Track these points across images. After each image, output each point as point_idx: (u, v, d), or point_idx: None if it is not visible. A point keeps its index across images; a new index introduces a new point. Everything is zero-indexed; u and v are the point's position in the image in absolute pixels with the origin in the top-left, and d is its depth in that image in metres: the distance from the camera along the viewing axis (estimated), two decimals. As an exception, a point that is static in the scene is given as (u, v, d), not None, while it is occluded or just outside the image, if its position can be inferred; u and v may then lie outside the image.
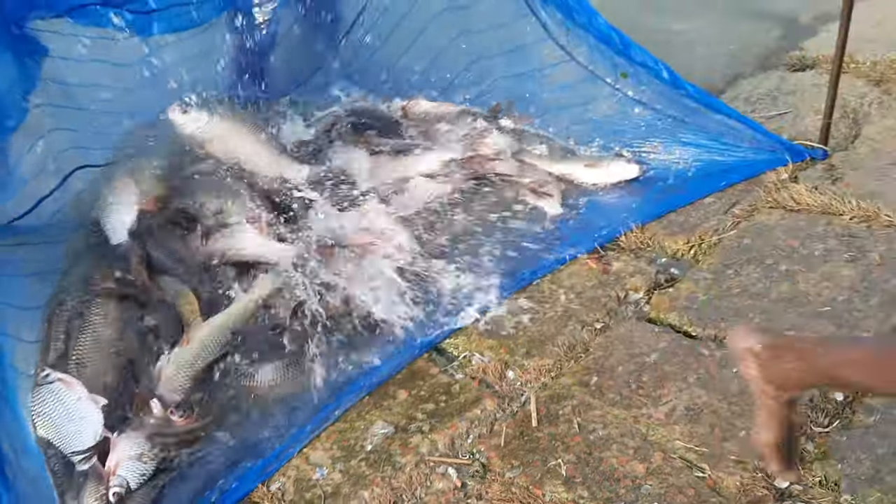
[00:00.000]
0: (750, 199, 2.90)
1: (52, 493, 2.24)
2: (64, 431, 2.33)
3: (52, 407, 2.38)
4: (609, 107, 3.29)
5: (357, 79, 3.55)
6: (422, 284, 2.77)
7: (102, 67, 2.81)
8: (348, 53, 3.52)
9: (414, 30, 3.40)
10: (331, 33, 3.51)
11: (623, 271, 2.71)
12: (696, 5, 4.61)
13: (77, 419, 2.36)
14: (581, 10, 3.08)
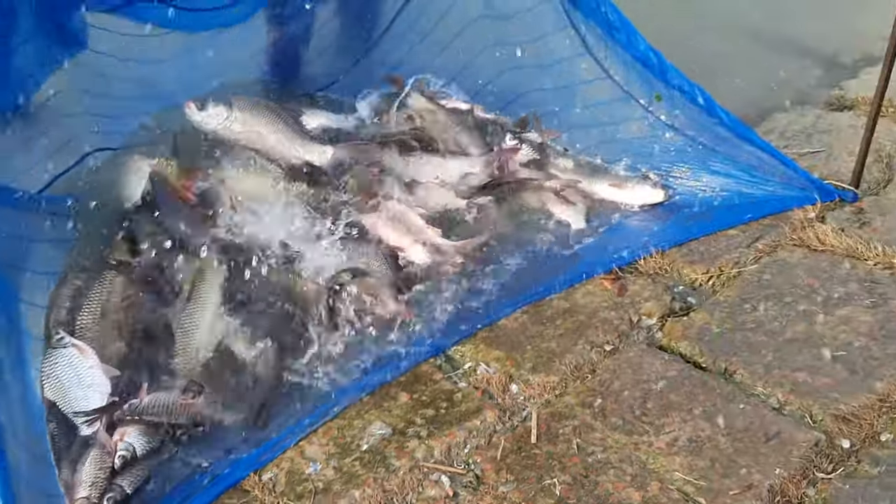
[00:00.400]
0: (774, 235, 2.87)
1: (52, 459, 2.25)
2: (71, 396, 2.35)
3: (63, 371, 2.40)
4: (639, 128, 3.27)
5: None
6: (433, 288, 2.77)
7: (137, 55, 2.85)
8: (381, 53, 3.52)
9: (449, 33, 3.39)
10: (367, 31, 3.52)
11: (638, 295, 2.69)
12: (740, 34, 4.57)
13: (86, 385, 2.37)
14: (621, 27, 3.07)
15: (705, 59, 4.02)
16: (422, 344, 2.57)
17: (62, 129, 2.84)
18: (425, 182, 3.14)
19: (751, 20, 4.71)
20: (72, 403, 2.35)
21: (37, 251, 2.57)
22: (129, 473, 2.21)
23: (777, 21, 4.68)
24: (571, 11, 3.18)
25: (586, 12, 3.14)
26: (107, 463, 2.21)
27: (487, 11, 3.33)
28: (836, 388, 2.24)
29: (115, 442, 2.24)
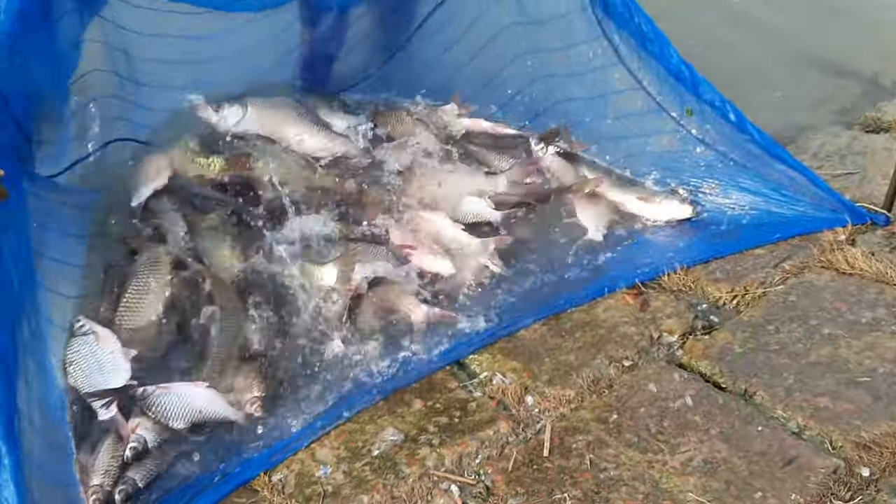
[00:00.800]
0: (802, 256, 2.82)
1: (66, 445, 2.28)
2: (92, 381, 2.40)
3: (84, 357, 2.45)
4: (670, 142, 3.23)
5: (416, 82, 3.54)
6: (452, 297, 2.77)
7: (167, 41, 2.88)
8: (410, 55, 3.53)
9: (481, 38, 3.39)
10: (397, 34, 3.53)
11: (660, 311, 2.66)
12: (779, 51, 4.54)
13: (107, 371, 2.42)
14: (655, 39, 3.04)
15: (740, 75, 4.00)
16: (439, 351, 2.57)
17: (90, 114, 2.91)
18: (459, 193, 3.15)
19: (792, 35, 4.67)
20: (92, 389, 2.39)
21: (58, 240, 2.61)
22: (141, 467, 2.25)
23: (818, 38, 4.64)
24: (604, 21, 3.15)
25: (619, 22, 3.12)
26: (120, 452, 2.26)
27: (520, 18, 3.32)
28: (858, 414, 2.20)
29: (128, 434, 2.27)
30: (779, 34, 4.69)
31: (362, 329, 2.64)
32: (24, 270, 2.33)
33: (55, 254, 2.54)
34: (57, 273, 2.54)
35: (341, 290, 2.70)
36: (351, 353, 2.55)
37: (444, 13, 3.42)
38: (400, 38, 3.53)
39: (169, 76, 3.07)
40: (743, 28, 4.77)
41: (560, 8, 3.19)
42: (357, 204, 3.03)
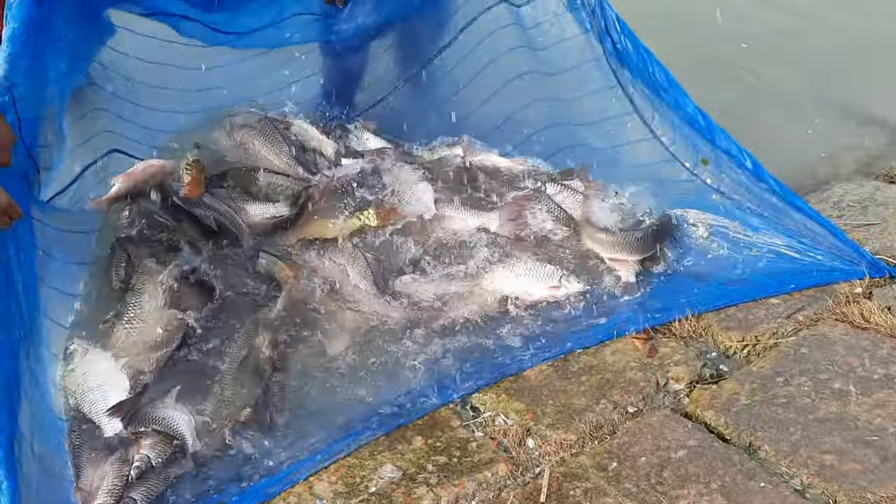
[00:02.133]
0: (817, 308, 2.81)
1: (63, 471, 2.34)
2: (89, 399, 2.49)
3: (80, 376, 2.54)
4: (685, 190, 3.25)
5: (429, 117, 3.61)
6: (461, 334, 2.80)
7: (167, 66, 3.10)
8: (423, 90, 3.60)
9: (499, 79, 3.45)
10: (414, 64, 3.61)
11: (668, 358, 2.66)
12: (802, 97, 4.54)
13: (104, 388, 2.51)
14: (669, 88, 3.07)
15: (760, 122, 4.02)
16: (444, 388, 2.59)
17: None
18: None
19: (817, 80, 4.68)
20: (91, 406, 2.48)
21: (57, 267, 2.69)
22: (143, 487, 2.29)
23: (844, 86, 4.64)
24: (619, 70, 3.19)
25: (634, 72, 3.15)
26: (123, 472, 2.31)
27: (535, 66, 3.38)
28: (865, 475, 2.17)
29: (133, 453, 2.32)
30: (802, 78, 4.70)
31: (367, 362, 2.66)
32: (30, 297, 2.41)
33: (55, 283, 2.62)
34: (56, 301, 2.62)
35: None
36: (356, 385, 2.59)
37: (457, 54, 3.49)
38: (402, 75, 3.61)
39: (174, 101, 3.25)
40: (766, 71, 4.78)
41: (574, 59, 3.25)
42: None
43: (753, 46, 4.95)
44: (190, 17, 3.04)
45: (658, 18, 3.23)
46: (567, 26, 3.25)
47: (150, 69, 3.12)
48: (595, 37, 3.18)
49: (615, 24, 3.08)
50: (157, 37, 3.08)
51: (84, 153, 3.04)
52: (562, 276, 2.99)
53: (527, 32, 3.37)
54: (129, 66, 3.07)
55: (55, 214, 2.75)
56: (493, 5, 3.39)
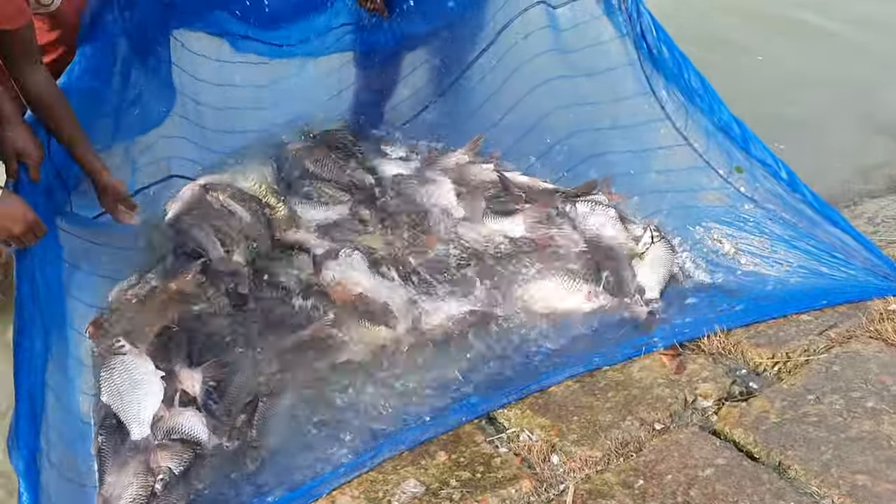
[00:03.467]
0: (849, 325, 2.80)
1: (82, 479, 2.41)
2: (125, 400, 2.56)
3: (119, 376, 2.60)
4: (716, 198, 3.26)
5: (459, 127, 3.66)
6: (487, 349, 2.83)
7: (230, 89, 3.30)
8: (451, 101, 3.64)
9: (525, 87, 3.49)
10: (446, 77, 3.66)
11: (697, 375, 2.67)
12: (839, 112, 4.55)
13: (141, 392, 2.58)
14: (705, 94, 3.10)
15: (796, 135, 4.02)
16: (468, 403, 2.62)
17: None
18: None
19: (855, 95, 4.67)
20: (125, 408, 2.55)
21: (83, 279, 2.77)
22: (165, 499, 2.34)
23: (882, 99, 4.62)
24: (653, 76, 3.21)
25: (669, 77, 3.18)
26: (148, 483, 2.36)
27: (566, 71, 3.40)
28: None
29: (157, 464, 2.39)
30: (840, 93, 4.69)
31: (390, 375, 2.71)
32: (56, 308, 2.49)
33: (82, 295, 2.69)
34: (83, 313, 2.69)
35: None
36: (379, 399, 2.63)
37: (490, 61, 3.52)
38: (442, 83, 3.66)
39: (230, 121, 3.40)
40: (802, 86, 4.78)
41: (608, 62, 3.27)
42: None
43: (778, 61, 4.97)
44: (249, 36, 3.25)
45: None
46: (603, 29, 3.29)
47: (205, 87, 3.28)
48: (630, 41, 3.21)
49: (651, 28, 3.12)
50: (212, 56, 3.25)
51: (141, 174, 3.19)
52: (591, 290, 3.01)
53: (561, 35, 3.41)
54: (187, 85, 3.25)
55: (85, 228, 2.83)
56: (530, 6, 3.44)
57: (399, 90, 3.76)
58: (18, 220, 2.34)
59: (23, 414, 2.22)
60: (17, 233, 2.35)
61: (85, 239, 2.81)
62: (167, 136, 3.25)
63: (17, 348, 2.29)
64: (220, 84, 3.31)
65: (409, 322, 2.90)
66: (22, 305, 2.38)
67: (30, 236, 2.38)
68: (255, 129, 3.56)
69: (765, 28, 5.21)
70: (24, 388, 2.26)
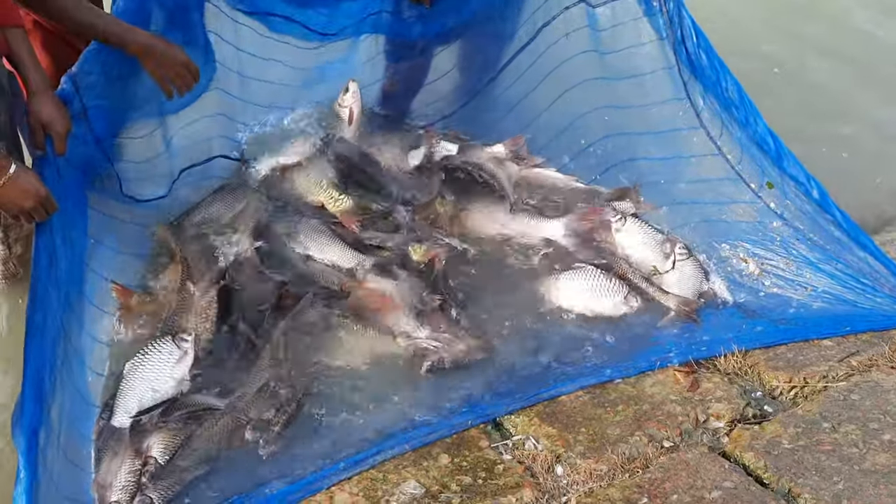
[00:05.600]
0: (871, 353, 2.81)
1: (86, 463, 2.47)
2: (135, 386, 2.62)
3: (155, 362, 2.66)
4: (745, 212, 3.28)
5: (492, 124, 3.69)
6: (500, 354, 2.88)
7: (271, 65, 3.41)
8: (487, 97, 3.67)
9: (561, 87, 3.52)
10: (478, 72, 3.69)
11: (711, 394, 2.70)
12: (879, 135, 4.55)
13: (161, 389, 2.63)
14: (741, 105, 3.11)
15: (832, 153, 4.02)
16: (476, 406, 2.66)
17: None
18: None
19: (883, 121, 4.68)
20: (131, 389, 2.61)
21: (111, 257, 2.85)
22: (159, 485, 2.40)
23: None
24: (690, 82, 3.23)
25: (706, 85, 3.20)
26: (136, 468, 2.43)
27: (603, 72, 3.42)
28: (910, 532, 2.19)
29: (145, 454, 2.46)
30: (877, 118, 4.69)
31: (398, 375, 2.76)
32: (76, 285, 2.54)
33: (105, 271, 2.75)
34: (104, 290, 2.75)
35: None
36: (385, 398, 2.68)
37: (526, 59, 3.56)
38: (480, 78, 3.68)
39: (270, 97, 3.52)
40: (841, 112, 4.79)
41: (645, 65, 3.29)
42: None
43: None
44: (292, 18, 3.30)
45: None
46: (642, 31, 3.31)
47: (248, 60, 3.38)
48: (669, 45, 3.23)
49: (692, 33, 3.14)
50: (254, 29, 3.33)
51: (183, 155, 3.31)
52: (628, 293, 3.08)
53: (599, 35, 3.43)
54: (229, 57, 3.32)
55: (114, 204, 2.92)
56: (571, 5, 3.45)
57: (436, 85, 3.81)
58: (30, 194, 2.41)
59: (29, 390, 2.26)
60: (27, 207, 2.42)
61: (109, 214, 2.87)
62: (208, 115, 3.33)
63: (28, 323, 2.33)
64: (263, 58, 3.40)
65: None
66: (38, 279, 2.43)
67: (40, 211, 2.45)
68: (297, 106, 3.67)
69: (801, 42, 5.21)
70: (32, 364, 2.30)
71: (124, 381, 2.62)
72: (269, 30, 3.33)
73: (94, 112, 2.76)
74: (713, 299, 3.19)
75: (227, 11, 3.22)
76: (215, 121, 3.39)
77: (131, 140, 3.04)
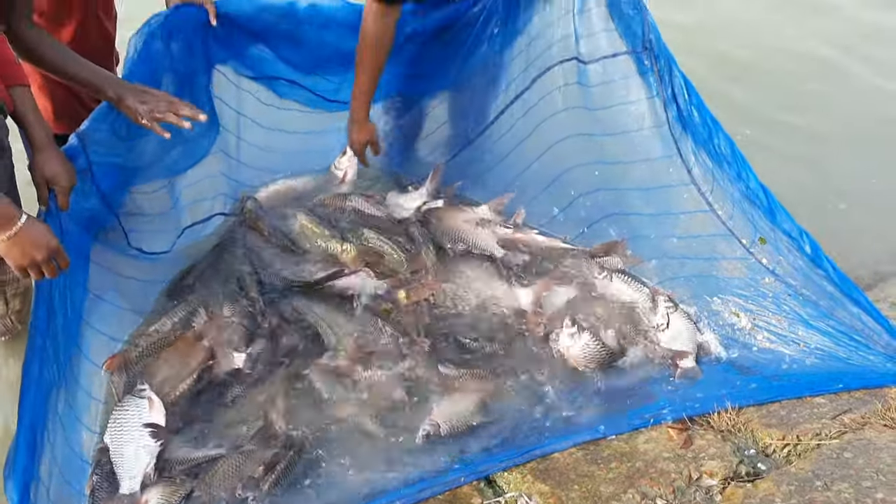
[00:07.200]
0: (864, 411, 2.88)
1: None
2: (125, 449, 2.67)
3: (129, 420, 2.72)
4: (737, 268, 3.36)
5: (483, 175, 3.84)
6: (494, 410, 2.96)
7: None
8: (478, 151, 3.80)
9: (551, 139, 3.66)
10: (469, 128, 3.81)
11: (704, 451, 2.76)
12: (867, 193, 4.72)
13: (143, 443, 2.69)
14: (733, 161, 3.20)
15: (827, 210, 4.12)
16: (469, 463, 2.73)
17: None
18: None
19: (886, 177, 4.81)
20: (123, 458, 2.65)
21: (107, 310, 2.91)
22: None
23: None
24: (681, 139, 3.31)
25: (698, 141, 3.28)
26: None
27: (593, 127, 3.53)
28: None
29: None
30: (867, 175, 4.85)
31: (391, 432, 2.83)
32: (71, 339, 2.62)
33: (103, 326, 2.83)
34: (101, 345, 2.83)
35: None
36: (377, 455, 2.76)
37: (518, 112, 3.69)
38: (472, 130, 3.81)
39: (270, 159, 3.76)
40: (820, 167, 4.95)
41: (636, 122, 3.38)
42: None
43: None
44: (299, 83, 3.51)
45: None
46: (633, 88, 3.39)
47: (247, 124, 3.62)
48: (661, 102, 3.31)
49: (683, 90, 3.23)
50: (256, 94, 3.57)
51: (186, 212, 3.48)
52: (621, 349, 3.23)
53: (590, 91, 3.52)
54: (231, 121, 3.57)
55: (115, 258, 3.04)
56: (564, 60, 3.56)
57: (431, 137, 3.95)
58: (41, 246, 2.39)
59: (22, 442, 2.33)
60: (38, 260, 2.40)
61: (111, 269, 2.96)
62: (211, 175, 3.52)
63: (24, 375, 2.41)
64: (263, 126, 3.64)
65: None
66: (36, 332, 2.50)
67: (50, 265, 2.45)
68: (295, 168, 3.89)
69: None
70: (26, 416, 2.37)
71: (112, 450, 2.69)
72: (274, 94, 3.49)
73: (100, 168, 2.86)
74: (706, 354, 3.27)
75: (232, 78, 3.39)
76: (217, 180, 3.57)
77: (137, 195, 3.16)
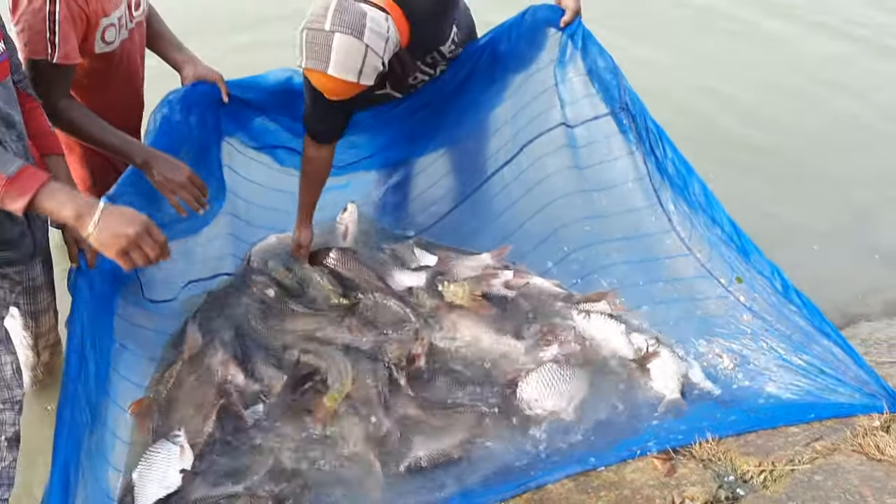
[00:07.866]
0: (835, 438, 3.13)
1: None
2: (149, 490, 2.90)
3: (159, 463, 2.95)
4: (717, 307, 3.61)
5: (478, 231, 4.16)
6: (485, 446, 3.21)
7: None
8: (471, 209, 4.10)
9: (544, 199, 3.96)
10: (463, 187, 4.12)
11: (686, 478, 3.00)
12: (842, 237, 5.02)
13: (166, 487, 2.91)
14: (709, 206, 3.48)
15: (798, 257, 4.40)
16: (464, 497, 2.97)
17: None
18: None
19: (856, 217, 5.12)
20: (146, 498, 2.89)
21: (132, 359, 3.21)
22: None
23: (881, 226, 5.08)
24: (661, 188, 3.60)
25: (675, 191, 3.57)
26: None
27: (582, 185, 3.84)
28: None
29: None
30: (840, 216, 5.17)
31: (384, 467, 3.11)
32: (101, 384, 2.90)
33: (129, 374, 3.11)
34: (126, 389, 3.11)
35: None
36: (371, 490, 3.03)
37: (510, 174, 4.02)
38: (465, 190, 4.11)
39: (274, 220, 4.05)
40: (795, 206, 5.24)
41: (619, 176, 3.69)
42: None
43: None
44: (297, 150, 3.81)
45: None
46: (615, 146, 3.69)
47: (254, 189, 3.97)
48: (641, 156, 3.61)
49: (660, 143, 3.53)
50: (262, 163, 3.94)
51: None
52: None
53: (578, 151, 3.83)
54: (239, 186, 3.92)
55: (134, 310, 3.33)
56: (553, 127, 3.87)
57: (426, 194, 4.26)
58: (132, 220, 2.39)
59: (56, 484, 2.54)
60: (132, 234, 2.37)
61: (130, 320, 3.24)
62: (218, 235, 3.86)
63: (58, 418, 2.65)
64: (266, 187, 3.99)
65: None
66: (68, 378, 2.75)
67: (147, 240, 2.41)
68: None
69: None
70: (60, 458, 2.59)
71: (136, 488, 2.92)
72: (275, 161, 3.83)
73: None
74: (692, 387, 3.52)
75: (239, 148, 3.78)
76: (226, 240, 3.93)
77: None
